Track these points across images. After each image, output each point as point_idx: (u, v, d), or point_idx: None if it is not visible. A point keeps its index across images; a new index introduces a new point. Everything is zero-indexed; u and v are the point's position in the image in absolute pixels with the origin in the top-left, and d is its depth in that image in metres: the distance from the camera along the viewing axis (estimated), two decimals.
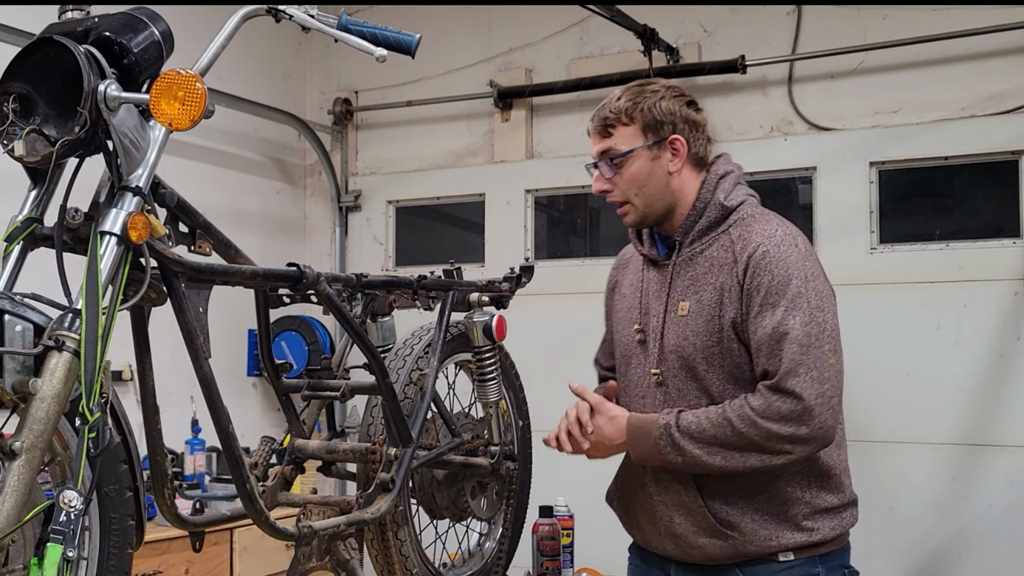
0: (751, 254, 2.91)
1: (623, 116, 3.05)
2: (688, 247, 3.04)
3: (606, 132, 3.07)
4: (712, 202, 3.05)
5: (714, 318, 2.92)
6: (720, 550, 2.95)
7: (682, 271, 3.03)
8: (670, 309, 3.01)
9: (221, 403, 2.58)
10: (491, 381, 3.57)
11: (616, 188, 3.07)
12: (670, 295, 3.02)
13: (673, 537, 3.03)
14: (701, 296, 2.96)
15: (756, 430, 2.82)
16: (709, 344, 2.92)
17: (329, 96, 7.60)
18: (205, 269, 2.52)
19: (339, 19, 2.55)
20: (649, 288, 3.11)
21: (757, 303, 2.87)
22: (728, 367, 2.93)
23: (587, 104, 6.83)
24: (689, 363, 2.96)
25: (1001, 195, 5.75)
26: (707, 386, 2.95)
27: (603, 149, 3.07)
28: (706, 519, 2.94)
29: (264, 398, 7.08)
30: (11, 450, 2.03)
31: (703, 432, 2.86)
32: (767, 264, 2.88)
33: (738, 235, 2.99)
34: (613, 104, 3.09)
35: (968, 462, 5.62)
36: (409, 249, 7.47)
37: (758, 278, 2.88)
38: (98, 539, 2.28)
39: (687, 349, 2.95)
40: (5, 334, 2.07)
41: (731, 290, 2.92)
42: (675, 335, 2.98)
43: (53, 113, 2.22)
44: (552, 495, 4.07)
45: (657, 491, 3.05)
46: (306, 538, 2.91)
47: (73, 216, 2.23)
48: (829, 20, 6.17)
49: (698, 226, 3.04)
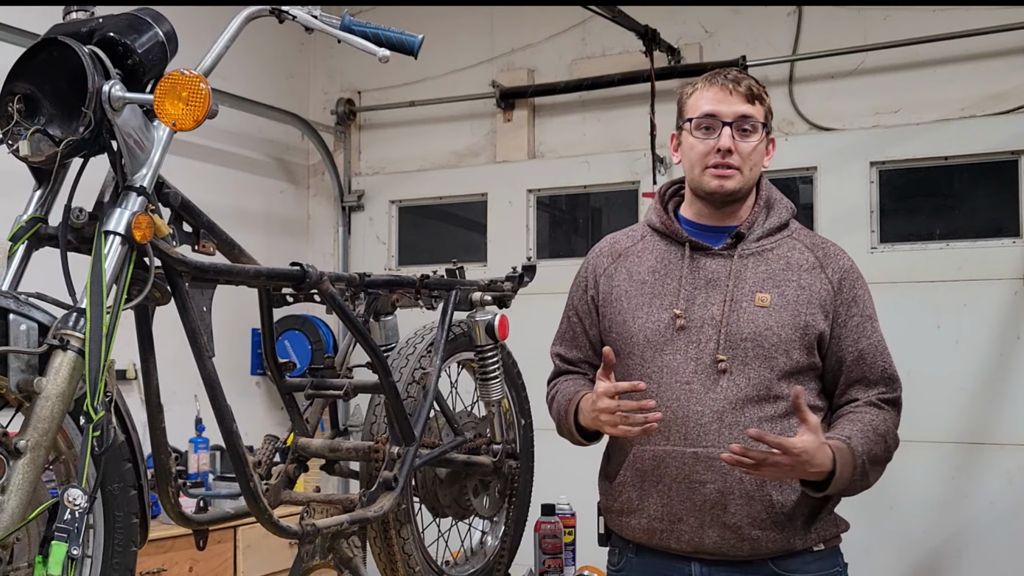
0: (844, 267, 3.00)
1: (763, 94, 3.04)
2: (755, 241, 3.03)
3: (751, 99, 2.99)
4: (780, 202, 3.10)
5: (801, 314, 2.92)
6: (773, 543, 2.91)
7: (751, 263, 3.00)
8: (739, 298, 2.95)
9: (225, 402, 2.60)
10: (493, 380, 3.58)
11: (736, 154, 2.97)
12: (737, 285, 2.97)
13: (721, 528, 2.91)
14: (784, 291, 2.95)
15: (895, 442, 2.98)
16: (792, 338, 2.91)
17: (332, 96, 7.61)
18: (209, 268, 2.53)
19: (342, 20, 2.56)
20: (696, 275, 3.02)
21: (857, 313, 2.98)
22: (799, 362, 2.92)
23: (589, 104, 6.85)
24: (768, 353, 2.91)
25: (1001, 195, 5.77)
26: (778, 379, 2.91)
27: (746, 113, 2.97)
28: (768, 509, 2.89)
29: (268, 397, 7.09)
30: (16, 448, 2.03)
31: (874, 455, 2.88)
32: (857, 279, 3.01)
33: (811, 243, 3.05)
34: (750, 79, 3.05)
35: (968, 461, 5.64)
36: (412, 249, 7.48)
37: (855, 291, 2.98)
38: (102, 537, 2.28)
39: (770, 339, 2.91)
40: (10, 333, 2.08)
41: (820, 294, 2.95)
42: (751, 324, 2.92)
43: (58, 113, 2.23)
44: (554, 493, 4.07)
45: (712, 479, 2.91)
46: (309, 536, 2.92)
47: (77, 216, 2.24)
48: (830, 21, 6.18)
49: (768, 223, 3.05)
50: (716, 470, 2.89)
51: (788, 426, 2.88)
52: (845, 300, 2.96)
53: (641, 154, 6.49)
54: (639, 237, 3.20)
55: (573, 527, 4.07)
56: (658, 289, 3.05)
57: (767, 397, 2.91)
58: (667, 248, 3.10)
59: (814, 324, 2.92)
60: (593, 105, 6.86)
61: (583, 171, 6.80)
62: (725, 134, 2.95)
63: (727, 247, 3.02)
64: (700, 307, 2.97)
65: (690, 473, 2.92)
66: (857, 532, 3.20)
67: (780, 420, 2.90)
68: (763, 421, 2.89)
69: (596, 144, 6.82)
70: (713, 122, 2.97)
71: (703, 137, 2.99)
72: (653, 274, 3.08)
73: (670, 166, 6.35)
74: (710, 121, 2.98)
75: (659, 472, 2.97)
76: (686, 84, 3.13)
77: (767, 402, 2.91)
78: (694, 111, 3.01)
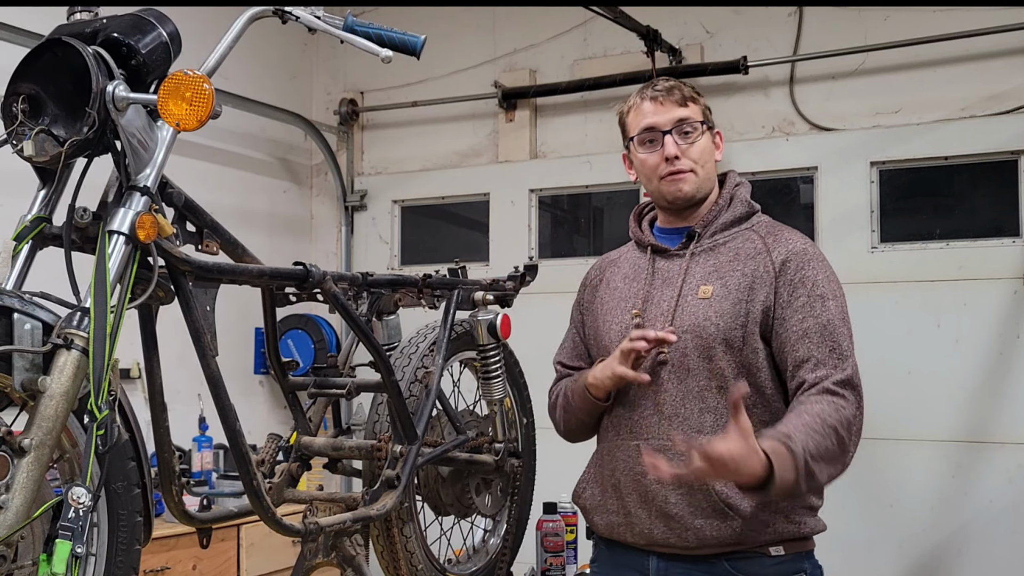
0: (792, 250, 2.96)
1: (693, 94, 3.12)
2: (709, 238, 3.07)
3: (683, 103, 3.08)
4: (738, 198, 3.12)
5: (741, 302, 2.92)
6: (717, 532, 2.90)
7: (702, 259, 3.04)
8: (686, 293, 2.99)
9: (228, 401, 2.61)
10: (495, 379, 3.59)
11: (684, 157, 3.05)
12: (686, 280, 3.01)
13: (665, 519, 2.95)
14: (727, 281, 2.96)
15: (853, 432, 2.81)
16: (733, 327, 2.91)
17: (335, 97, 7.63)
18: (212, 268, 2.54)
19: (345, 20, 2.57)
20: (656, 276, 3.09)
21: (804, 294, 2.90)
22: (745, 353, 2.91)
23: (590, 105, 6.86)
24: (707, 344, 2.92)
25: (1001, 195, 5.78)
26: (720, 369, 2.91)
27: (683, 117, 3.06)
28: (708, 498, 2.88)
29: (271, 396, 7.11)
30: (20, 447, 2.04)
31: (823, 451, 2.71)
32: (808, 260, 2.95)
33: (766, 232, 3.05)
34: (679, 84, 3.15)
35: (968, 459, 5.64)
36: (414, 248, 7.49)
37: (803, 271, 2.92)
38: (106, 535, 2.29)
39: (708, 330, 2.92)
40: (15, 332, 2.09)
41: (763, 277, 2.94)
42: (692, 316, 2.95)
43: (62, 114, 2.24)
44: (556, 492, 4.08)
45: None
46: (312, 534, 2.93)
47: (82, 215, 2.25)
48: (830, 21, 6.19)
49: (722, 219, 3.08)
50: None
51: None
52: (789, 280, 2.92)
53: None
54: (625, 251, 3.30)
55: (575, 525, 4.08)
56: (626, 293, 3.15)
57: (708, 388, 2.93)
58: (639, 256, 3.21)
59: (754, 309, 2.91)
60: (595, 105, 6.87)
61: (585, 171, 6.81)
62: (668, 142, 3.05)
63: (682, 246, 3.10)
64: (655, 305, 3.05)
65: (634, 465, 2.99)
66: (857, 530, 3.21)
67: (725, 411, 2.86)
68: (705, 412, 2.92)
69: (598, 144, 6.82)
70: (654, 134, 3.08)
71: (649, 150, 3.09)
72: (624, 280, 3.19)
73: None
74: (651, 134, 3.09)
75: (612, 466, 3.07)
76: (623, 103, 3.23)
77: (708, 393, 2.93)
78: (635, 128, 3.13)
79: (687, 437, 2.72)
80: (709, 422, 2.90)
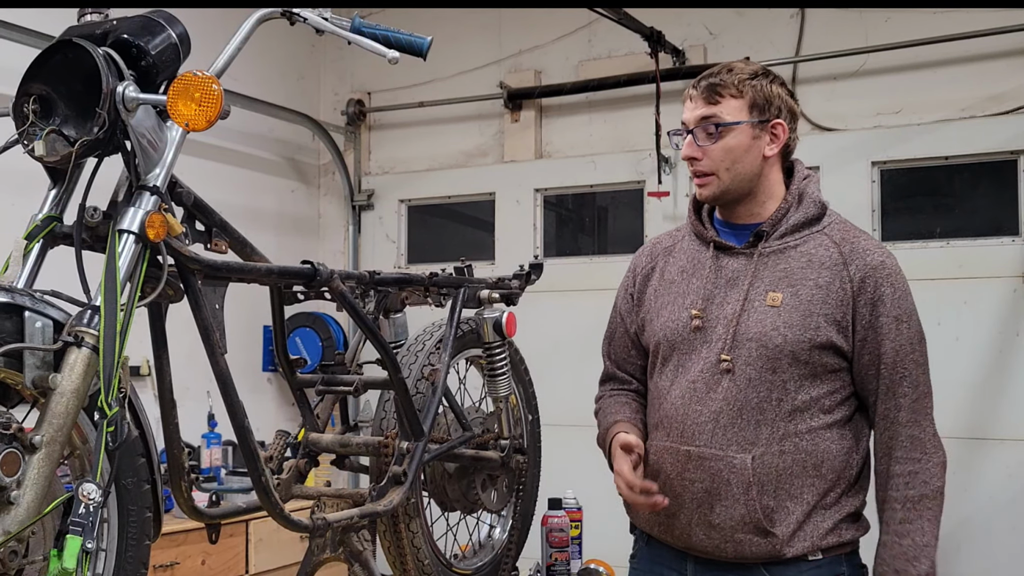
0: (870, 264, 2.83)
1: (734, 87, 2.91)
2: (778, 239, 2.91)
3: (712, 99, 2.90)
4: (809, 196, 2.96)
5: (813, 315, 2.79)
6: (757, 548, 2.82)
7: (771, 261, 2.89)
8: (753, 297, 2.86)
9: (237, 398, 2.62)
10: (501, 376, 3.60)
11: (706, 158, 2.89)
12: (753, 284, 2.87)
13: (708, 527, 2.86)
14: (798, 290, 2.82)
15: (936, 474, 3.12)
16: (801, 340, 2.79)
17: (342, 97, 7.65)
18: (221, 267, 2.56)
19: (352, 22, 2.57)
20: (718, 274, 2.95)
21: (884, 314, 2.81)
22: (811, 366, 2.81)
23: (595, 105, 6.88)
24: (772, 355, 2.80)
25: (1001, 194, 5.80)
26: (784, 381, 2.81)
27: (706, 115, 2.89)
28: (752, 513, 2.80)
29: (279, 393, 7.14)
30: (31, 444, 2.06)
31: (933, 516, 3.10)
32: (886, 276, 2.83)
33: (841, 238, 2.90)
34: (725, 74, 2.95)
35: (968, 456, 5.65)
36: (421, 247, 7.52)
37: (881, 290, 2.81)
38: (116, 531, 2.30)
39: (774, 339, 2.80)
40: (26, 330, 2.10)
41: (838, 293, 2.81)
42: (759, 324, 2.83)
43: (72, 114, 2.26)
44: (561, 488, 4.11)
45: (700, 478, 2.85)
46: (320, 530, 2.93)
47: (92, 215, 2.27)
48: (832, 23, 6.21)
49: (792, 219, 2.92)
50: (705, 470, 2.84)
51: (790, 431, 2.81)
52: (869, 300, 2.80)
53: (646, 154, 6.52)
54: (680, 238, 3.15)
55: (580, 521, 4.10)
56: (684, 288, 3.00)
57: (768, 400, 2.81)
58: (698, 248, 3.04)
59: (826, 326, 2.79)
60: (599, 106, 6.89)
61: (589, 171, 6.83)
62: (687, 143, 2.92)
63: (748, 245, 2.93)
64: (717, 307, 2.91)
65: (682, 471, 2.88)
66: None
67: (783, 423, 2.82)
68: (762, 424, 2.82)
69: (602, 144, 6.85)
70: (683, 131, 2.97)
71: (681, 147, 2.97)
72: (682, 274, 3.03)
73: (675, 166, 6.39)
74: (682, 131, 2.97)
75: (657, 468, 2.95)
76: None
77: (768, 404, 2.82)
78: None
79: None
80: (765, 435, 2.81)
